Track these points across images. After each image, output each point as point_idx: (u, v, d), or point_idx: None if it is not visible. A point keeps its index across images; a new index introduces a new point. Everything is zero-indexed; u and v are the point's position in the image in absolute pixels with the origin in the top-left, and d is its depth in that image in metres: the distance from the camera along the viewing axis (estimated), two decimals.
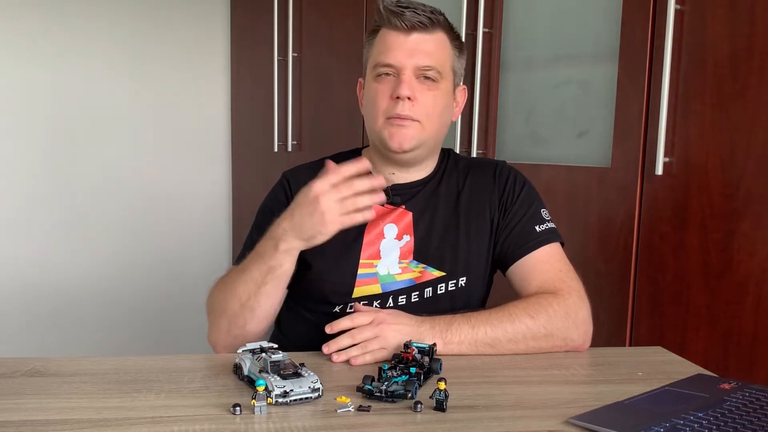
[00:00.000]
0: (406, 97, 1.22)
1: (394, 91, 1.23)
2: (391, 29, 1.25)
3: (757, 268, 1.34)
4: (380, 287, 1.27)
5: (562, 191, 1.74)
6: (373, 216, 1.11)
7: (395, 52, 1.23)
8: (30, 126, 3.13)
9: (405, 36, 1.24)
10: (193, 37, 3.38)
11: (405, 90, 1.22)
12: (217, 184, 3.53)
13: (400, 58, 1.23)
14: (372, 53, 1.28)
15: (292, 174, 1.37)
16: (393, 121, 1.24)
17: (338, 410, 0.89)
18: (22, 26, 3.07)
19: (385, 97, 1.24)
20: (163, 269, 3.41)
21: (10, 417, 0.85)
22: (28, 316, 3.19)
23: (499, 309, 1.19)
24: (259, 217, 1.37)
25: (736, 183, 1.37)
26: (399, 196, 1.31)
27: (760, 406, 0.91)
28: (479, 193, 1.33)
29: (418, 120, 1.24)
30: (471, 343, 1.14)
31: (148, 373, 1.02)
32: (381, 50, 1.25)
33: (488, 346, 1.15)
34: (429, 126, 1.26)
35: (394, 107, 1.23)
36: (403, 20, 1.23)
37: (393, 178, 1.32)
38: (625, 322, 1.60)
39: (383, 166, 1.33)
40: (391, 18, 1.24)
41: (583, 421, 0.86)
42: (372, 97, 1.27)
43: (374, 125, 1.27)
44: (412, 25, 1.23)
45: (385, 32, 1.26)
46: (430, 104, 1.25)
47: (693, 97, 1.45)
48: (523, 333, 1.17)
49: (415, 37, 1.24)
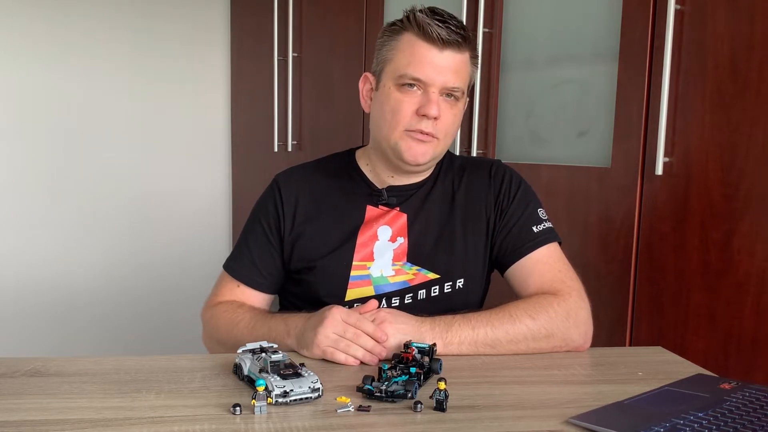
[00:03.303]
0: (433, 117, 1.21)
1: (420, 108, 1.21)
2: (423, 40, 1.20)
3: (757, 268, 1.34)
4: (373, 289, 1.27)
5: (562, 191, 1.74)
6: (356, 363, 1.09)
7: (426, 67, 1.20)
8: (30, 126, 3.13)
9: (438, 51, 1.20)
10: (194, 37, 3.38)
11: (435, 110, 1.20)
12: (217, 183, 3.53)
13: (431, 75, 1.20)
14: (395, 57, 1.23)
15: (283, 178, 1.37)
16: (414, 135, 1.22)
17: (338, 410, 0.89)
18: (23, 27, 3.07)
19: (409, 111, 1.22)
20: (163, 269, 3.41)
21: (10, 417, 0.85)
22: (28, 316, 3.19)
23: (499, 309, 1.18)
24: (248, 223, 1.38)
25: (736, 183, 1.37)
26: (395, 198, 1.31)
27: (760, 406, 0.91)
28: (475, 194, 1.33)
29: (437, 138, 1.24)
30: (471, 343, 1.14)
31: (148, 373, 1.02)
32: (411, 61, 1.21)
33: (488, 347, 1.15)
34: (444, 142, 1.26)
35: (418, 123, 1.21)
36: (439, 34, 1.19)
37: (390, 181, 1.32)
38: (625, 322, 1.60)
39: (383, 170, 1.32)
40: (427, 28, 1.19)
41: (583, 421, 0.86)
42: (393, 107, 1.23)
43: (390, 134, 1.24)
44: (448, 41, 1.20)
45: (414, 41, 1.21)
46: (450, 122, 1.25)
47: (693, 97, 1.45)
48: (524, 334, 1.16)
49: (447, 54, 1.21)
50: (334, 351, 1.08)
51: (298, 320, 1.16)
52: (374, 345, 1.08)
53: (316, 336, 1.09)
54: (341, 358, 1.08)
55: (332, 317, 1.09)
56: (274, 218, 1.33)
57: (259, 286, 1.33)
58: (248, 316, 1.25)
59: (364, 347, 1.08)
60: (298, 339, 1.13)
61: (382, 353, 1.09)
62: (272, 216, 1.33)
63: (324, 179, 1.35)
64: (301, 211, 1.32)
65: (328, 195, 1.33)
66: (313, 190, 1.34)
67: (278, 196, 1.33)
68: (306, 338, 1.11)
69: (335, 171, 1.36)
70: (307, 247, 1.30)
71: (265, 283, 1.33)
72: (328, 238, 1.30)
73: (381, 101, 1.26)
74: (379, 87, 1.27)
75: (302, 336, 1.12)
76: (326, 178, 1.35)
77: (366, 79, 1.31)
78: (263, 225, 1.33)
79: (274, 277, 1.34)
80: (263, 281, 1.33)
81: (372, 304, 1.16)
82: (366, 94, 1.32)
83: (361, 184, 1.33)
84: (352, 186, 1.34)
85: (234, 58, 3.43)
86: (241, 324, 1.24)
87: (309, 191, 1.34)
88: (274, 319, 1.21)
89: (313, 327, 1.11)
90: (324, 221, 1.31)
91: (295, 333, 1.14)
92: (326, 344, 1.08)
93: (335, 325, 1.09)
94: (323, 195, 1.33)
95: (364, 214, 1.30)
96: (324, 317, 1.10)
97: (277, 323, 1.19)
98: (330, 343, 1.08)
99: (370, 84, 1.30)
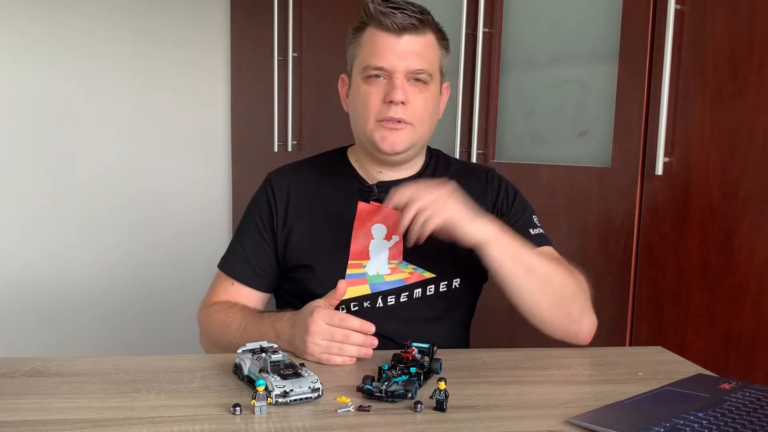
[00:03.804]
0: (399, 102, 1.22)
1: (386, 95, 1.22)
2: (381, 30, 1.23)
3: (757, 268, 1.34)
4: (369, 288, 1.27)
5: (562, 191, 1.74)
6: (353, 362, 1.10)
7: (386, 54, 1.22)
8: (30, 126, 3.13)
9: (396, 38, 1.22)
10: (194, 37, 3.38)
11: (399, 95, 1.21)
12: (217, 183, 3.53)
13: (392, 61, 1.22)
14: (359, 53, 1.27)
15: (276, 176, 1.37)
16: (385, 124, 1.24)
17: (338, 410, 0.89)
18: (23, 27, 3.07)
19: (377, 100, 1.24)
20: (163, 269, 3.41)
21: (10, 417, 0.85)
22: (28, 316, 3.19)
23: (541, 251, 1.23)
24: (242, 222, 1.38)
25: (736, 183, 1.37)
26: (385, 193, 1.31)
27: (760, 406, 0.91)
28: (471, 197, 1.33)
29: (411, 123, 1.24)
30: (514, 256, 1.16)
31: (148, 373, 1.02)
32: (371, 52, 1.24)
33: (525, 269, 1.16)
34: (420, 128, 1.26)
35: (387, 111, 1.23)
36: (394, 21, 1.21)
37: (380, 176, 1.33)
38: (625, 322, 1.60)
39: (370, 165, 1.33)
40: (381, 18, 1.22)
41: (583, 421, 0.86)
42: (362, 99, 1.26)
43: (364, 127, 1.26)
44: (404, 26, 1.21)
45: (373, 32, 1.24)
46: (422, 107, 1.25)
47: (693, 97, 1.45)
48: (559, 277, 1.19)
49: (406, 39, 1.22)
50: (329, 357, 1.09)
51: (285, 325, 1.16)
52: (365, 338, 1.09)
53: (307, 346, 1.09)
54: (338, 361, 1.09)
55: (316, 324, 1.09)
56: (267, 214, 1.33)
57: (253, 283, 1.33)
58: (239, 317, 1.25)
59: (356, 344, 1.09)
60: (290, 345, 1.14)
61: (375, 343, 1.09)
62: (265, 212, 1.33)
63: (315, 176, 1.36)
64: (292, 206, 1.32)
65: (320, 191, 1.34)
66: (304, 186, 1.34)
67: (270, 193, 1.34)
68: (297, 347, 1.12)
69: (326, 168, 1.37)
70: (300, 243, 1.30)
71: (260, 281, 1.33)
72: (321, 234, 1.30)
73: (353, 98, 1.29)
74: (351, 84, 1.30)
75: (293, 343, 1.13)
76: (317, 174, 1.36)
77: (343, 81, 1.35)
78: (256, 222, 1.34)
79: (269, 274, 1.34)
80: (258, 278, 1.33)
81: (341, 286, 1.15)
82: (344, 96, 1.35)
83: (352, 180, 1.34)
84: (343, 182, 1.34)
85: (234, 58, 3.43)
86: (232, 326, 1.24)
87: (300, 187, 1.34)
88: (263, 322, 1.21)
89: (300, 336, 1.11)
90: (316, 217, 1.31)
91: (285, 339, 1.15)
92: (319, 352, 1.09)
93: (322, 332, 1.09)
94: (315, 191, 1.34)
95: (355, 210, 1.30)
96: (308, 326, 1.09)
97: (267, 328, 1.19)
98: (322, 350, 1.09)
99: (347, 85, 1.33)
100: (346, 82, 1.33)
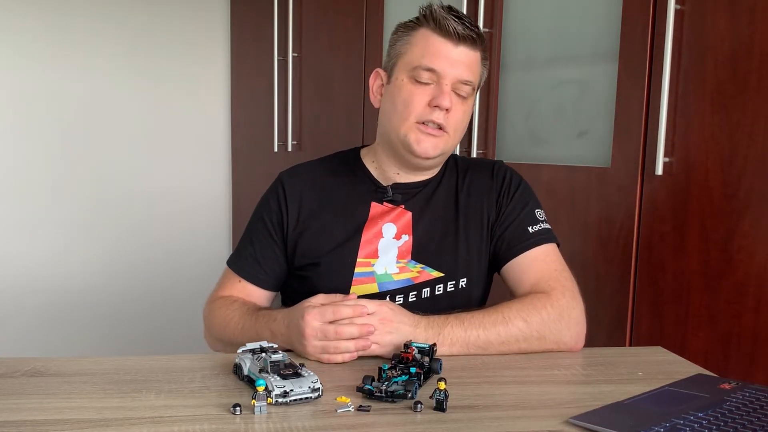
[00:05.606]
0: (445, 108, 1.23)
1: (433, 99, 1.23)
2: (438, 34, 1.23)
3: (757, 268, 1.34)
4: (377, 286, 1.27)
5: (562, 191, 1.74)
6: (354, 357, 1.10)
7: (441, 59, 1.23)
8: (30, 126, 3.13)
9: (453, 45, 1.23)
10: (194, 37, 3.38)
11: (447, 101, 1.22)
12: (217, 183, 3.53)
13: (445, 67, 1.23)
14: (410, 51, 1.26)
15: (288, 176, 1.37)
16: (424, 128, 1.24)
17: (338, 410, 0.89)
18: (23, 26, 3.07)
19: (421, 102, 1.24)
20: (163, 269, 3.41)
21: (10, 417, 0.85)
22: (28, 316, 3.19)
23: (493, 310, 1.18)
24: (252, 220, 1.39)
25: (736, 183, 1.37)
26: (400, 195, 1.31)
27: (760, 406, 0.91)
28: (478, 194, 1.34)
29: (447, 132, 1.25)
30: (463, 345, 1.15)
31: (148, 373, 1.02)
32: (425, 54, 1.23)
33: (480, 349, 1.16)
34: (454, 138, 1.28)
35: (430, 114, 1.23)
36: (456, 29, 1.22)
37: (396, 178, 1.33)
38: (625, 322, 1.60)
39: (389, 165, 1.33)
40: (444, 22, 1.22)
41: (583, 421, 0.86)
42: (406, 98, 1.25)
43: (400, 125, 1.26)
44: (463, 36, 1.23)
45: (429, 35, 1.24)
46: (460, 118, 1.27)
47: (693, 97, 1.45)
48: (515, 336, 1.17)
49: (462, 49, 1.24)
50: (329, 357, 1.09)
51: (280, 326, 1.16)
52: (359, 329, 1.09)
53: (305, 348, 1.10)
54: (338, 359, 1.09)
55: (309, 326, 1.09)
56: (277, 215, 1.33)
57: (260, 282, 1.33)
58: (237, 315, 1.25)
59: (350, 338, 1.09)
60: (290, 346, 1.14)
61: (371, 330, 1.09)
62: (275, 213, 1.34)
63: (328, 176, 1.36)
64: (305, 208, 1.32)
65: (333, 192, 1.34)
66: (317, 187, 1.35)
67: (282, 194, 1.34)
68: (297, 349, 1.13)
69: (340, 168, 1.37)
70: (310, 243, 1.31)
71: (268, 280, 1.34)
72: (332, 234, 1.30)
73: (393, 94, 1.28)
74: (391, 80, 1.29)
75: (292, 345, 1.13)
76: (331, 175, 1.36)
77: (377, 74, 1.33)
78: (266, 222, 1.34)
79: (277, 273, 1.34)
80: (265, 277, 1.34)
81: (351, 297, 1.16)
82: (376, 90, 1.33)
83: (366, 181, 1.34)
84: (356, 183, 1.34)
85: (234, 57, 3.43)
86: (231, 323, 1.25)
87: (313, 188, 1.34)
88: (259, 322, 1.21)
89: (297, 339, 1.11)
90: (328, 218, 1.32)
91: (282, 340, 1.15)
92: (317, 353, 1.09)
93: (315, 333, 1.09)
94: (328, 192, 1.34)
95: (368, 211, 1.30)
96: (301, 328, 1.10)
97: (262, 328, 1.19)
98: (320, 351, 1.09)
99: (381, 80, 1.32)
100: (381, 77, 1.32)
